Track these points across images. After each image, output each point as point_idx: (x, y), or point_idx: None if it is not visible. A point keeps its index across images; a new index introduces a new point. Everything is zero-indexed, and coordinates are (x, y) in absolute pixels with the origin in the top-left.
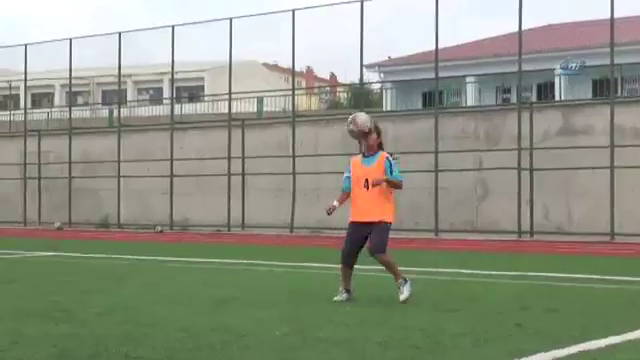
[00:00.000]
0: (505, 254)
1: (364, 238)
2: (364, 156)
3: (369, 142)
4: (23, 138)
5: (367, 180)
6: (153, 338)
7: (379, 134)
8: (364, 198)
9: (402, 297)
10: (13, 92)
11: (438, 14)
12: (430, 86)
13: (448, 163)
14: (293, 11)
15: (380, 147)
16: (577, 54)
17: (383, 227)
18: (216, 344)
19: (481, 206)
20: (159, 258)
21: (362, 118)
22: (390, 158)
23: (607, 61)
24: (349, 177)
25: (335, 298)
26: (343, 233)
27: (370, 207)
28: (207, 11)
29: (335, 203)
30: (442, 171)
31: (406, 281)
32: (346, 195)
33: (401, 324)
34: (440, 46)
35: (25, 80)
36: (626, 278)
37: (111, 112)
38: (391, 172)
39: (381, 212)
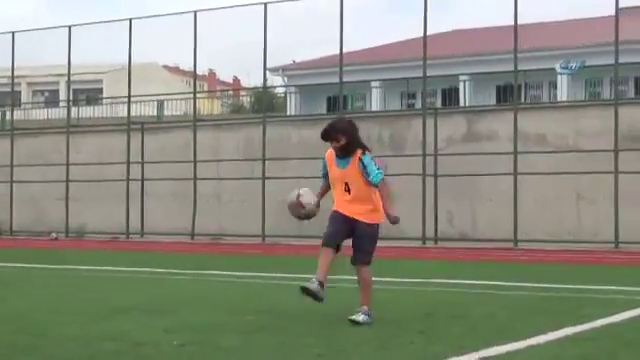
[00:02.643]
0: (409, 261)
1: (350, 230)
2: (337, 155)
3: (340, 150)
4: None
5: (347, 184)
6: (44, 348)
7: (352, 134)
8: (347, 202)
9: (354, 317)
10: None
11: (343, 18)
12: (334, 90)
13: None
14: (195, 12)
15: (358, 146)
16: (480, 60)
17: (370, 231)
18: (111, 354)
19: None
20: (53, 266)
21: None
22: (363, 158)
23: (511, 67)
24: (326, 172)
25: (304, 284)
26: (244, 240)
27: (355, 209)
28: (106, 11)
29: (314, 201)
30: None
31: (369, 316)
32: (325, 189)
33: (303, 331)
34: (345, 50)
35: None
36: (529, 284)
37: (3, 114)
38: (368, 174)
39: (367, 215)
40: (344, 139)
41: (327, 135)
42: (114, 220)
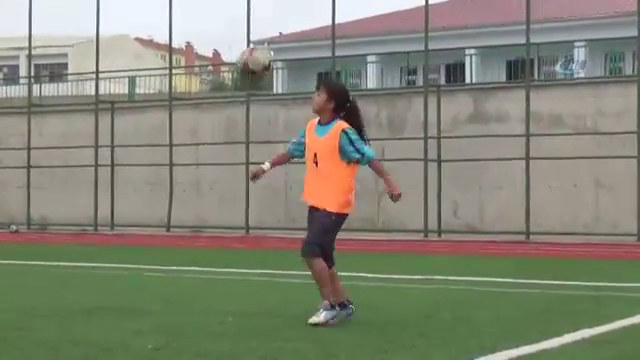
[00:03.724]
0: (410, 256)
1: None
2: (319, 122)
3: (315, 103)
4: None
5: (316, 155)
6: (3, 355)
7: (336, 98)
8: (311, 176)
9: (313, 319)
10: None
11: None
12: (326, 66)
13: None
14: None
15: (345, 117)
16: (489, 31)
17: (323, 220)
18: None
19: (383, 202)
20: (12, 262)
21: (259, 53)
22: (350, 132)
23: (522, 40)
24: (298, 142)
25: (312, 320)
26: (225, 232)
27: (315, 188)
28: None
29: (265, 165)
30: None
31: (332, 308)
32: (285, 158)
33: (290, 336)
34: (337, 20)
35: None
36: (542, 282)
37: None
38: (357, 150)
39: (326, 198)
40: (325, 96)
41: (318, 85)
42: (81, 211)
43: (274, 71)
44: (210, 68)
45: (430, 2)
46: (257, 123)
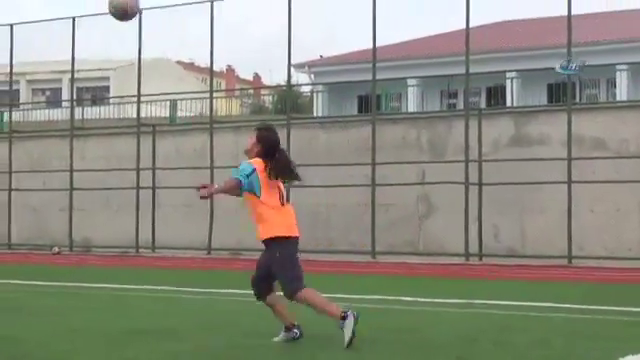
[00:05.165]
0: (450, 279)
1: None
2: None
3: (247, 144)
4: None
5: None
6: None
7: (263, 144)
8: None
9: (346, 339)
10: None
11: (376, 8)
12: (367, 89)
13: (387, 176)
14: (211, 2)
15: (262, 155)
16: (530, 55)
17: (270, 255)
18: None
19: (424, 225)
20: (55, 284)
21: None
22: (242, 163)
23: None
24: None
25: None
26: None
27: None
28: None
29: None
30: (380, 185)
31: (344, 318)
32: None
33: (328, 357)
34: (378, 44)
35: None
36: (585, 307)
37: (1, 116)
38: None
39: (258, 231)
40: (254, 139)
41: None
42: (123, 233)
43: (314, 94)
44: (250, 91)
45: (471, 25)
46: (297, 146)
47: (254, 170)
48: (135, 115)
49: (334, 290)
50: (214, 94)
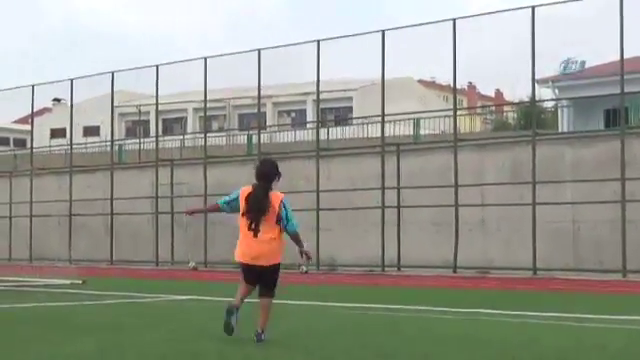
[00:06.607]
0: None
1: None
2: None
3: None
4: (154, 168)
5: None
6: None
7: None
8: None
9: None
10: (142, 118)
11: (623, 16)
12: (614, 102)
13: (638, 192)
14: (454, 20)
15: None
16: None
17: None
18: None
19: None
20: (304, 303)
21: None
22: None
23: None
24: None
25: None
26: (513, 274)
27: None
28: (356, 24)
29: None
30: (630, 201)
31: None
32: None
33: None
34: (626, 55)
35: (157, 105)
36: None
37: (250, 138)
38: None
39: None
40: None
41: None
42: (368, 252)
43: (559, 109)
44: (493, 108)
45: None
46: (543, 162)
47: (237, 197)
48: (378, 135)
49: (581, 310)
50: (457, 112)
